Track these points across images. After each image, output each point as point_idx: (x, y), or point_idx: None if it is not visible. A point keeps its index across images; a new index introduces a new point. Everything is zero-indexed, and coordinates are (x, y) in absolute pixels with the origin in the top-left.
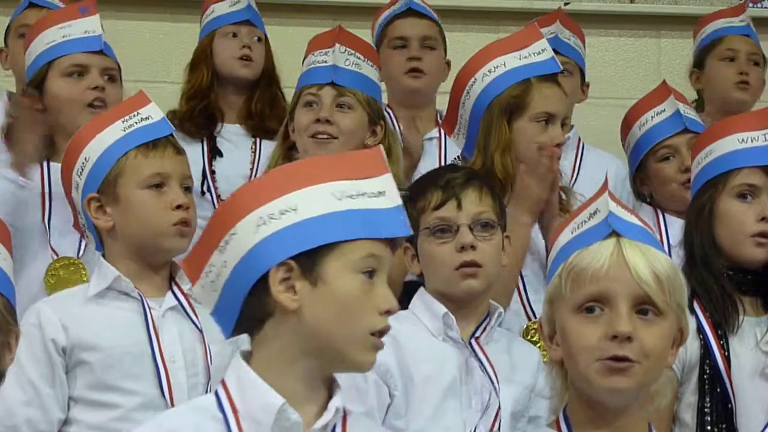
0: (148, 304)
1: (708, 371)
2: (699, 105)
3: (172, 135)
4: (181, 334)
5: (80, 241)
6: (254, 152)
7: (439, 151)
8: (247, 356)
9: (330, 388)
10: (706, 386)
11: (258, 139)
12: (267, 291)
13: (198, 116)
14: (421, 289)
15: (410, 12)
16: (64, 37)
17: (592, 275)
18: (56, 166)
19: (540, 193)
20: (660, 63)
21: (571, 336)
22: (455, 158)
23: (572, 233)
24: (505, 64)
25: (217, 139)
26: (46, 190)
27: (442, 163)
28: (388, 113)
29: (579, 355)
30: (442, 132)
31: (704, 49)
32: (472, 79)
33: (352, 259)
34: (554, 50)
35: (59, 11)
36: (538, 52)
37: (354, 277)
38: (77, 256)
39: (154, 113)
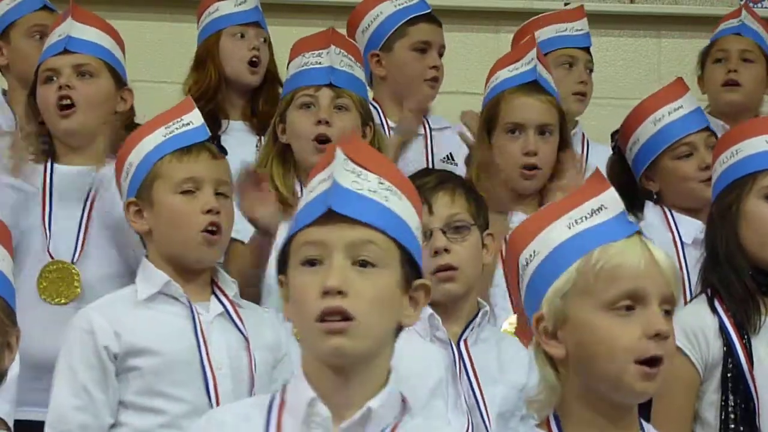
0: (196, 310)
1: (731, 369)
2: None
3: (209, 140)
4: (228, 341)
5: (76, 246)
6: (259, 149)
7: (425, 147)
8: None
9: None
10: (730, 385)
11: (263, 137)
12: None
13: (205, 118)
14: None
15: (431, 17)
16: (47, 45)
17: (630, 272)
18: (58, 168)
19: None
20: (660, 63)
21: (602, 334)
22: (444, 158)
23: (570, 228)
24: (498, 78)
25: (222, 136)
26: (47, 192)
27: (429, 159)
28: (376, 108)
29: (613, 354)
30: (428, 129)
31: (702, 55)
32: (483, 97)
33: (296, 258)
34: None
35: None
36: (528, 62)
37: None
38: (72, 261)
39: (195, 119)
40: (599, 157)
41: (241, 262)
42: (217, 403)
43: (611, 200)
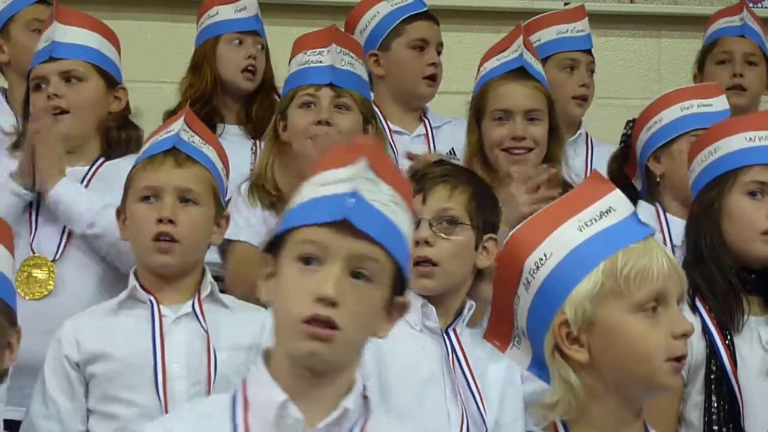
0: (159, 312)
1: (714, 371)
2: None
3: (176, 148)
4: (190, 341)
5: (59, 244)
6: (254, 153)
7: (428, 146)
8: (267, 352)
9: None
10: (713, 386)
11: (258, 141)
12: None
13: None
14: None
15: (428, 15)
16: (36, 49)
17: (658, 274)
18: None
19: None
20: (660, 63)
21: (634, 336)
22: (448, 153)
23: (581, 230)
24: (486, 68)
25: None
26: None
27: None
28: (376, 112)
29: (646, 355)
30: (428, 127)
31: (703, 52)
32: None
33: (293, 251)
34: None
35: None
36: (514, 50)
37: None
38: (54, 258)
39: (177, 126)
40: (605, 159)
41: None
42: (165, 404)
43: (619, 202)
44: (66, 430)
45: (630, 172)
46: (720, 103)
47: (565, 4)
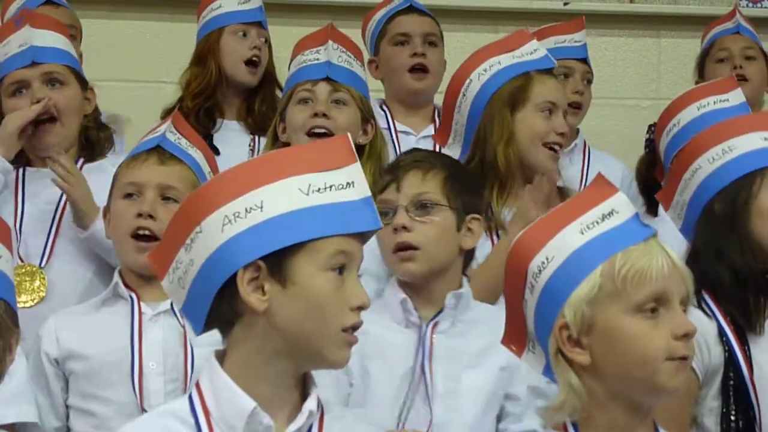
0: (139, 308)
1: (732, 377)
2: None
3: (160, 146)
4: (167, 337)
5: (44, 249)
6: (252, 149)
7: (433, 148)
8: (221, 357)
9: (305, 387)
10: (731, 393)
11: (256, 137)
12: (236, 291)
13: (203, 116)
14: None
15: (412, 9)
16: (5, 55)
17: (657, 274)
18: (31, 171)
19: (537, 215)
20: (660, 63)
21: (633, 338)
22: None
23: (583, 233)
24: (500, 63)
25: (215, 135)
26: (20, 195)
27: None
28: (384, 111)
29: (646, 357)
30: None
31: (701, 57)
32: (468, 81)
33: (321, 257)
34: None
35: (2, 27)
36: (531, 52)
37: (324, 275)
38: (40, 264)
39: (164, 127)
40: (601, 165)
41: None
42: (141, 401)
43: (622, 204)
44: (44, 427)
45: (659, 175)
46: (736, 97)
47: (565, 4)
